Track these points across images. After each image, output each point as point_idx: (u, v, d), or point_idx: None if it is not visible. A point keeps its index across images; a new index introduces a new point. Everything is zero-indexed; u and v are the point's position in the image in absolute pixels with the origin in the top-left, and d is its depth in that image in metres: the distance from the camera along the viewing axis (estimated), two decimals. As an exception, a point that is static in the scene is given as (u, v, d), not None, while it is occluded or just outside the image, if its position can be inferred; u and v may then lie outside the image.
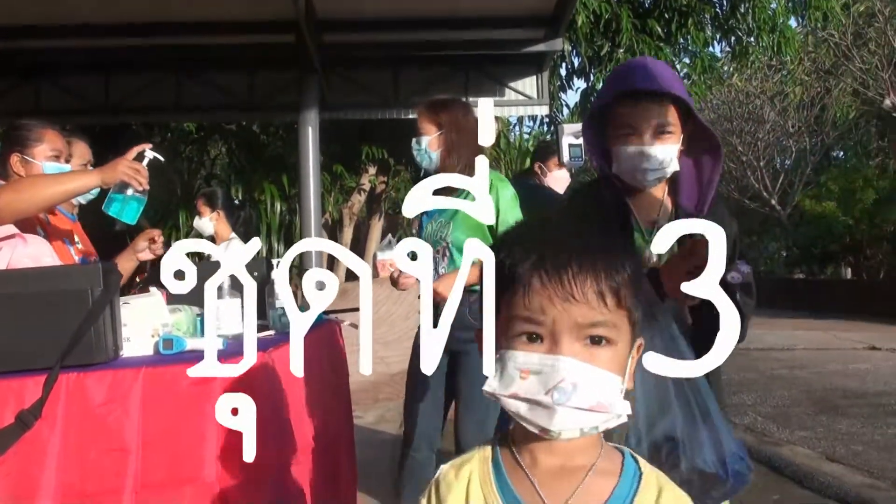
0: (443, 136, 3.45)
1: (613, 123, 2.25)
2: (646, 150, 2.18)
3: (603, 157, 2.31)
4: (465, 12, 6.80)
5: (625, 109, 2.21)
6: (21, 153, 2.88)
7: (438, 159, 3.45)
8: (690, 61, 11.93)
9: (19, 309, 2.05)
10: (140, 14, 6.58)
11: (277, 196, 9.63)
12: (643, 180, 2.24)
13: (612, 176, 2.28)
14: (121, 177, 2.62)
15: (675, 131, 2.21)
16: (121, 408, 1.95)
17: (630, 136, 2.20)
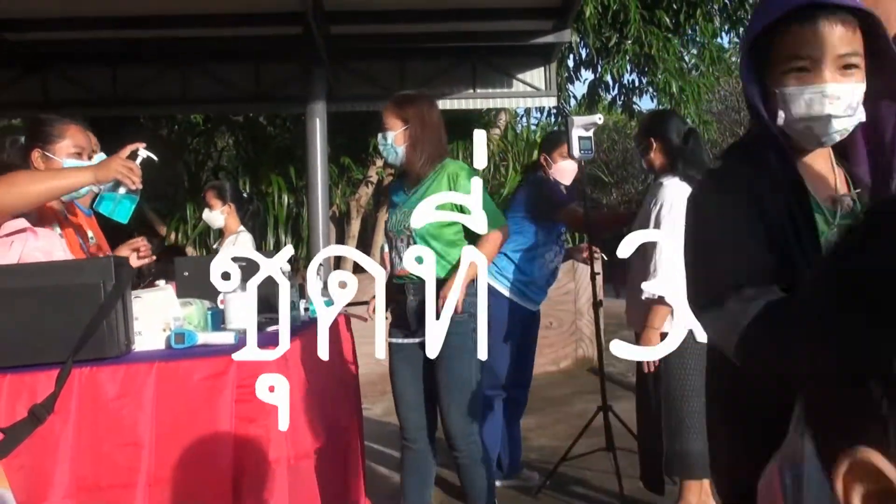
0: (408, 131, 3.52)
1: (779, 54, 1.68)
2: (829, 90, 1.63)
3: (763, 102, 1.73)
4: (472, 3, 6.77)
5: (798, 31, 1.64)
6: (42, 149, 2.87)
7: (404, 154, 3.53)
8: (698, 52, 11.87)
9: (31, 303, 2.06)
10: (148, 6, 6.56)
11: (285, 188, 9.62)
12: (822, 134, 1.69)
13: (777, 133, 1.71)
14: (114, 175, 2.61)
15: (861, 65, 1.66)
16: (134, 402, 1.95)
17: (805, 71, 1.65)
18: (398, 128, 3.51)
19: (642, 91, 11.27)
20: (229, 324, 2.63)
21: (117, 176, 2.61)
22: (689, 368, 3.60)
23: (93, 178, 2.60)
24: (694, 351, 3.61)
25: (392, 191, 3.79)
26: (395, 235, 3.51)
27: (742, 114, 22.53)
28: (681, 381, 3.61)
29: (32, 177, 2.59)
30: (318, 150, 6.94)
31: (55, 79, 7.87)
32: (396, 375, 3.58)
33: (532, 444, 5.42)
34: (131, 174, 2.63)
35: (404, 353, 3.53)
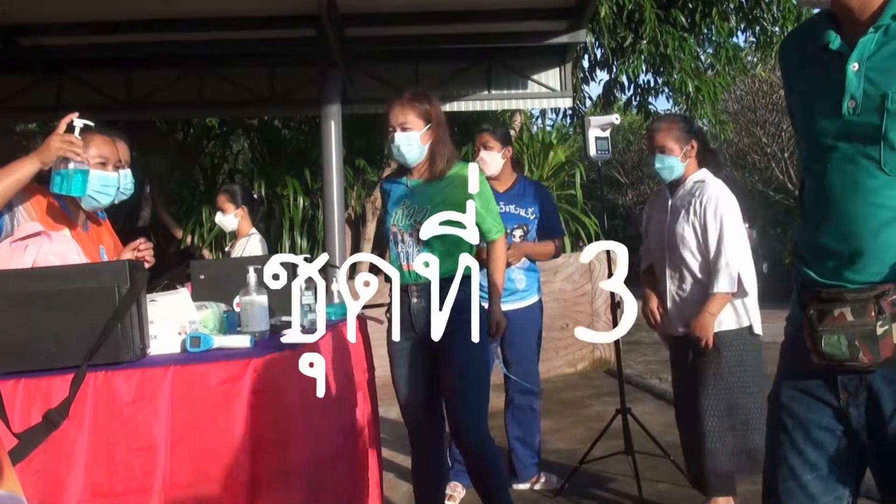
0: (431, 130, 3.48)
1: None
2: None
3: None
4: (487, 4, 6.75)
5: None
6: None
7: (426, 154, 3.48)
8: (714, 52, 11.79)
9: (46, 307, 2.04)
10: (162, 10, 6.57)
11: (300, 191, 9.61)
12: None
13: None
14: (56, 153, 2.59)
15: None
16: (149, 407, 1.93)
17: None
18: (421, 126, 3.45)
19: (658, 91, 11.21)
20: (245, 327, 2.61)
21: (59, 153, 2.59)
22: (747, 365, 3.63)
23: (38, 163, 2.59)
24: (751, 346, 3.66)
25: (390, 187, 3.68)
26: (403, 231, 3.45)
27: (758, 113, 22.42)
28: (741, 379, 3.63)
29: None
30: (333, 153, 6.92)
31: (70, 83, 7.90)
32: (400, 377, 3.52)
33: (549, 447, 5.39)
34: (72, 147, 2.61)
35: (408, 353, 3.47)
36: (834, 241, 1.79)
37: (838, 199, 1.79)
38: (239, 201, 5.47)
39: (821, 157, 1.85)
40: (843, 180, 1.78)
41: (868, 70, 1.73)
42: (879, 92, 1.71)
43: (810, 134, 1.91)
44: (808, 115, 1.93)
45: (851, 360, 1.73)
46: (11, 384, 1.94)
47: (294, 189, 9.59)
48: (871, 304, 1.71)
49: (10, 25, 6.78)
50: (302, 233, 9.52)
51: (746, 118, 22.05)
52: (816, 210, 1.87)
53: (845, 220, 1.78)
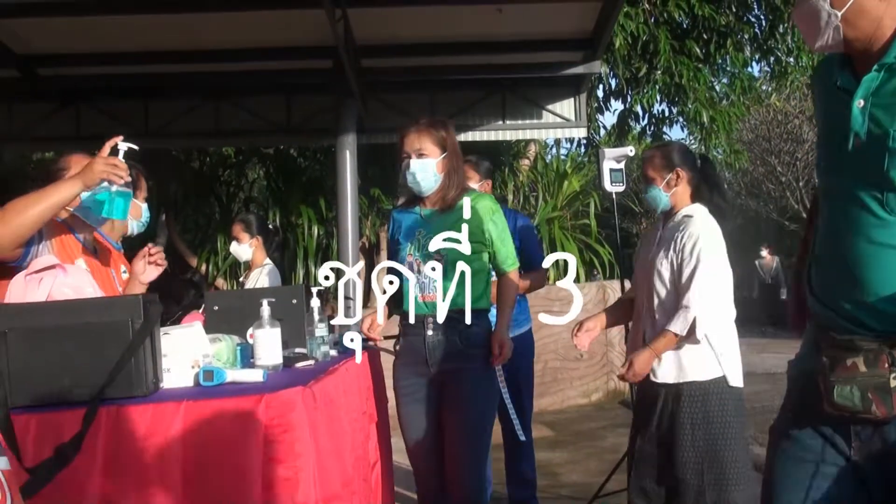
0: (447, 159, 3.37)
1: None
2: None
3: None
4: (502, 35, 6.78)
5: None
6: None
7: (440, 183, 3.38)
8: (729, 82, 11.81)
9: (59, 341, 2.04)
10: (179, 41, 6.64)
11: (315, 219, 9.64)
12: None
13: None
14: (100, 176, 2.54)
15: None
16: (162, 442, 1.92)
17: None
18: (437, 154, 3.34)
19: (672, 121, 11.22)
20: (258, 360, 2.61)
21: (103, 176, 2.54)
22: (728, 414, 3.43)
23: (81, 185, 2.54)
24: (731, 396, 3.47)
25: (401, 217, 3.53)
26: (420, 261, 3.28)
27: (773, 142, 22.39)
28: (722, 428, 3.42)
29: (25, 202, 2.49)
30: (349, 182, 6.95)
31: (87, 113, 7.97)
32: (410, 420, 3.38)
33: (564, 480, 5.34)
34: (116, 170, 2.56)
35: (418, 394, 3.35)
36: (843, 282, 1.78)
37: (843, 240, 1.78)
38: (254, 231, 5.49)
39: (828, 194, 1.86)
40: (847, 220, 1.77)
41: (873, 107, 1.72)
42: (882, 130, 1.70)
43: (819, 170, 1.94)
44: (819, 151, 1.95)
45: (864, 413, 1.70)
46: (24, 418, 1.93)
47: (309, 218, 9.62)
48: (885, 354, 1.68)
49: (28, 56, 6.86)
50: (316, 261, 9.53)
51: (761, 147, 22.04)
52: (825, 249, 1.86)
53: (852, 261, 1.75)
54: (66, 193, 2.52)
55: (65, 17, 6.02)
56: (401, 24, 6.49)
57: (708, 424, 3.38)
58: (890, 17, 1.74)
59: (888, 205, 1.68)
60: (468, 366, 3.28)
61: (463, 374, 3.27)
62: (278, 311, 2.76)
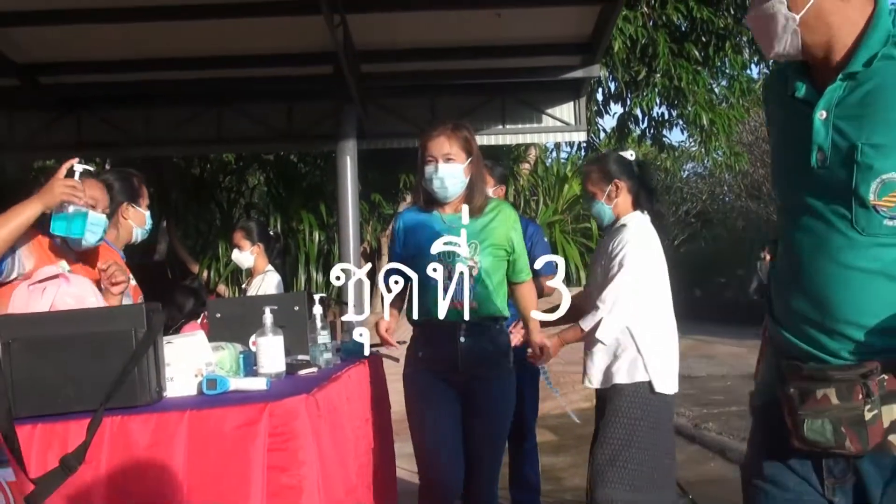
0: (472, 163, 3.31)
1: None
2: None
3: None
4: (501, 40, 6.79)
5: None
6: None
7: (465, 188, 3.30)
8: (728, 84, 11.84)
9: (62, 351, 2.05)
10: (179, 48, 6.65)
11: (315, 225, 9.65)
12: None
13: None
14: (59, 198, 2.62)
15: None
16: (165, 451, 1.92)
17: None
18: (464, 159, 3.26)
19: (672, 124, 11.24)
20: (261, 368, 2.61)
21: (62, 198, 2.63)
22: (636, 418, 3.45)
23: (41, 206, 2.62)
24: (649, 403, 3.45)
25: (415, 220, 3.36)
26: (452, 268, 3.07)
27: (773, 144, 22.36)
28: (627, 429, 3.41)
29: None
30: (349, 188, 6.97)
31: (89, 120, 7.98)
32: (433, 426, 3.24)
33: (567, 485, 5.34)
34: (75, 192, 2.65)
35: (443, 400, 3.23)
36: (809, 308, 1.64)
37: (808, 261, 1.64)
38: (255, 238, 5.48)
39: (790, 214, 1.71)
40: (812, 240, 1.63)
41: (837, 119, 1.59)
42: (848, 143, 1.57)
43: (779, 189, 1.79)
44: (777, 168, 1.80)
45: (837, 448, 1.56)
46: (28, 428, 1.93)
47: (310, 223, 9.64)
48: (859, 385, 1.53)
49: (29, 64, 6.88)
50: (317, 267, 9.55)
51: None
52: (788, 274, 1.72)
53: (819, 286, 1.62)
54: (27, 215, 2.60)
55: (65, 25, 6.04)
56: (400, 29, 6.50)
57: (618, 425, 3.43)
58: (851, 22, 1.61)
59: (857, 223, 1.56)
60: (496, 372, 3.27)
61: (493, 381, 3.26)
62: (280, 318, 2.76)
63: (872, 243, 1.56)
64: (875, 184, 1.53)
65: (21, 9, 5.88)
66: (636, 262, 3.42)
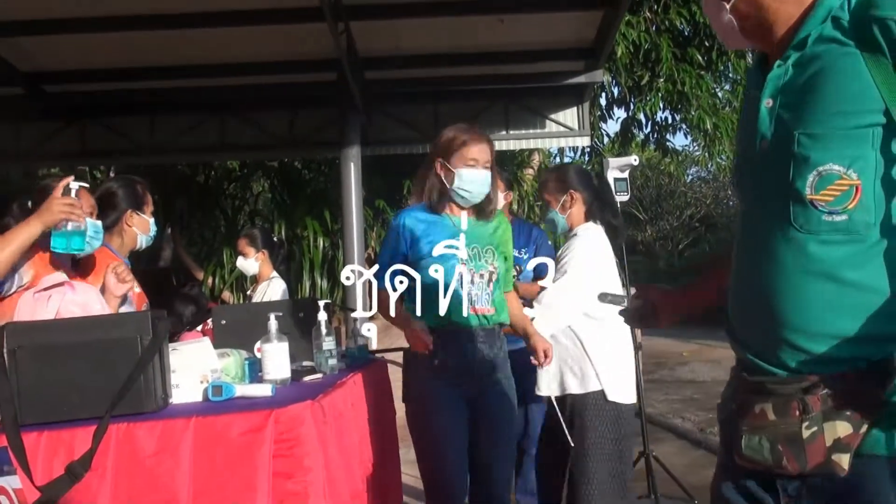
0: (493, 170, 3.29)
1: None
2: None
3: None
4: (504, 46, 6.80)
5: None
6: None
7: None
8: (731, 88, 11.84)
9: (68, 359, 2.06)
10: (183, 56, 6.67)
11: (320, 231, 9.66)
12: None
13: None
14: (59, 217, 2.66)
15: None
16: (171, 458, 1.93)
17: None
18: (489, 166, 3.24)
19: (675, 128, 11.24)
20: (266, 374, 2.62)
21: (61, 216, 2.66)
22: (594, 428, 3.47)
23: (41, 226, 2.65)
24: (603, 411, 3.48)
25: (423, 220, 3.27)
26: (473, 271, 3.14)
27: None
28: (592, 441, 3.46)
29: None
30: (353, 194, 6.97)
31: (94, 128, 7.99)
32: (448, 432, 3.16)
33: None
34: (73, 210, 2.68)
35: (456, 406, 3.17)
36: (755, 314, 1.52)
37: (752, 263, 1.52)
38: (259, 245, 5.50)
39: (740, 212, 1.60)
40: (755, 239, 1.51)
41: (780, 107, 1.47)
42: (786, 132, 1.45)
43: (733, 185, 1.66)
44: (734, 164, 1.68)
45: (775, 467, 1.44)
46: (34, 436, 1.94)
47: (314, 230, 9.64)
48: (796, 400, 1.41)
49: (34, 73, 6.90)
50: (322, 273, 9.55)
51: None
52: (736, 276, 1.59)
53: (761, 288, 1.49)
54: (27, 235, 2.64)
55: (70, 34, 6.05)
56: (403, 35, 6.51)
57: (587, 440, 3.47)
58: (791, 3, 1.49)
59: (795, 220, 1.43)
60: (503, 377, 3.28)
61: (501, 386, 3.26)
62: (285, 324, 2.78)
63: (813, 241, 1.42)
64: (811, 177, 1.40)
65: (26, 18, 5.89)
66: (580, 271, 3.48)
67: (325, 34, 5.61)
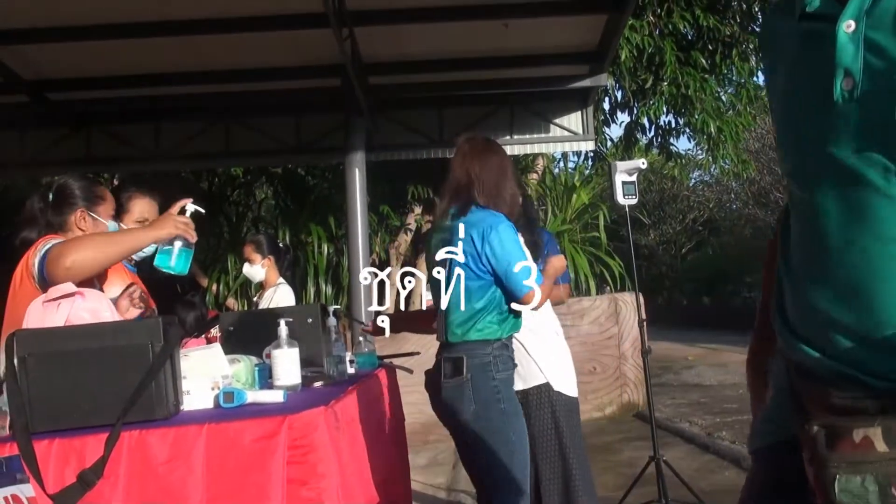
0: None
1: None
2: None
3: None
4: (509, 50, 6.80)
5: None
6: (88, 209, 2.91)
7: None
8: (735, 91, 11.83)
9: (79, 366, 2.04)
10: (187, 62, 6.67)
11: (324, 237, 9.66)
12: None
13: None
14: (173, 233, 2.68)
15: None
16: (184, 465, 1.91)
17: None
18: None
19: (679, 132, 11.23)
20: (277, 380, 2.60)
21: (176, 233, 2.68)
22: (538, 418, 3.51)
23: (154, 238, 2.69)
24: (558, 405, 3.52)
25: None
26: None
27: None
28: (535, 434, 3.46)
29: (102, 240, 2.65)
30: (358, 200, 6.97)
31: (98, 136, 8.00)
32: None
33: (581, 495, 5.29)
34: (188, 229, 2.71)
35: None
36: (839, 306, 1.13)
37: (837, 240, 1.12)
38: (265, 251, 5.49)
39: (808, 177, 1.18)
40: (840, 209, 1.12)
41: (869, 30, 1.06)
42: (888, 62, 1.05)
43: (790, 146, 1.23)
44: (788, 118, 1.23)
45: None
46: (46, 443, 1.93)
47: (318, 236, 9.64)
48: None
49: (39, 81, 6.90)
50: (327, 279, 9.55)
51: (768, 156, 22.05)
52: (807, 260, 1.21)
53: (852, 271, 1.10)
54: (135, 243, 2.70)
55: (73, 42, 6.06)
56: (408, 41, 6.51)
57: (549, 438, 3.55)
58: None
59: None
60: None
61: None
62: (294, 330, 2.76)
63: None
64: None
65: (29, 26, 5.90)
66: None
67: (329, 40, 5.61)
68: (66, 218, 2.89)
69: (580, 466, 3.53)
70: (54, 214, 2.91)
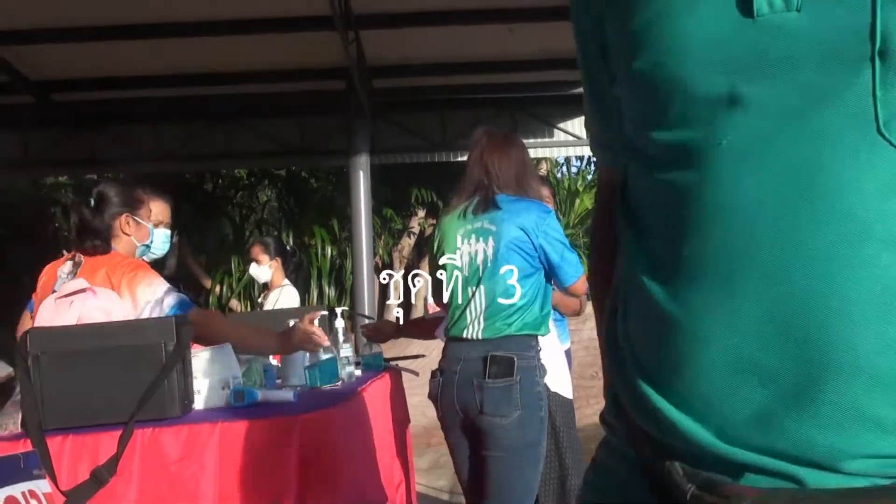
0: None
1: None
2: None
3: None
4: (513, 55, 6.82)
5: None
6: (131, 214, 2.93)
7: None
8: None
9: (92, 364, 2.05)
10: (191, 64, 6.69)
11: (328, 240, 9.67)
12: None
13: None
14: (298, 349, 2.66)
15: None
16: (196, 463, 1.92)
17: None
18: None
19: (680, 136, 11.23)
20: (285, 380, 2.62)
21: (301, 348, 2.65)
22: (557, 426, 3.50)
23: (277, 348, 2.70)
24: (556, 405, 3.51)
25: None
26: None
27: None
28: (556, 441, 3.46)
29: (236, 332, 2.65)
30: (362, 203, 6.98)
31: (101, 137, 8.01)
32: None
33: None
34: (312, 340, 2.63)
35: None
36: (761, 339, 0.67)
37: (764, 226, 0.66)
38: (273, 253, 5.50)
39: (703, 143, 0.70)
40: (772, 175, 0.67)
41: None
42: None
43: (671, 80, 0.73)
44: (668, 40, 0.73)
45: None
46: (59, 440, 1.94)
47: (322, 238, 9.65)
48: None
49: (43, 81, 6.92)
50: (330, 281, 9.56)
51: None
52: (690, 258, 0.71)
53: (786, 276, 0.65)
54: (262, 348, 2.73)
55: (78, 43, 6.08)
56: (412, 45, 6.53)
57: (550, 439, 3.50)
58: None
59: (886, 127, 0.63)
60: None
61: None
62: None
63: None
64: None
65: (34, 27, 5.92)
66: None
67: (335, 43, 5.64)
68: (111, 223, 2.91)
69: (576, 467, 3.53)
70: (99, 221, 2.92)
